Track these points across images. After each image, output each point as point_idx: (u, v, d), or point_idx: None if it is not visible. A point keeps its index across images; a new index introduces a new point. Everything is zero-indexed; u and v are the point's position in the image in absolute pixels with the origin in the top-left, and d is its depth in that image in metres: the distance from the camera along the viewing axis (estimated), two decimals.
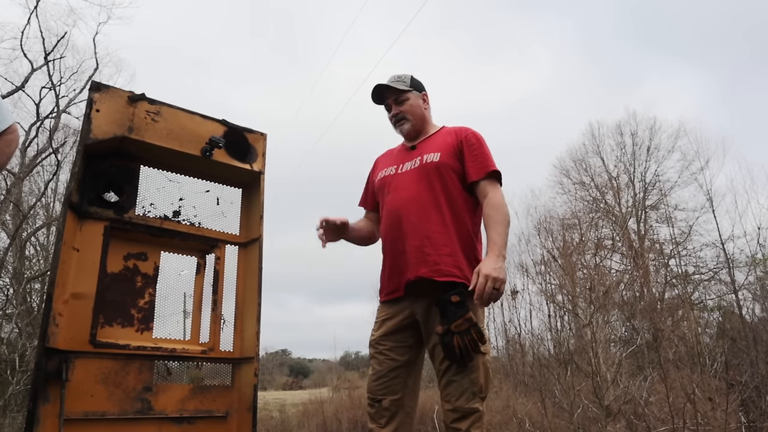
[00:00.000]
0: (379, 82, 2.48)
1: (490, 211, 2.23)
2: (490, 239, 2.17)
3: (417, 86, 2.52)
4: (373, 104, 2.55)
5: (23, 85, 12.19)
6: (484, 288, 2.03)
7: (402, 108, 2.48)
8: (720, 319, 9.09)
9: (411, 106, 2.49)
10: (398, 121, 2.50)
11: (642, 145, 18.36)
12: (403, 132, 2.52)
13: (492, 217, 2.21)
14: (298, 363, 46.59)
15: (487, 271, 2.04)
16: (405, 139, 2.57)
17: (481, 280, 2.03)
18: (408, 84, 2.49)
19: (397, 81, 2.48)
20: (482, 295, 2.03)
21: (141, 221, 2.44)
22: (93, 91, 2.32)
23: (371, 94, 2.52)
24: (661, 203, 17.65)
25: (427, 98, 2.56)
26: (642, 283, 12.21)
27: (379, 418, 2.26)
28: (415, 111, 2.50)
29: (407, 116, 2.48)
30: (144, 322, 2.41)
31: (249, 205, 2.76)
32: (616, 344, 8.99)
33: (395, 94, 2.48)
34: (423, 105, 2.53)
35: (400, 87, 2.47)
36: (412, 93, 2.50)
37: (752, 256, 7.86)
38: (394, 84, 2.47)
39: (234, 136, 2.65)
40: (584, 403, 5.74)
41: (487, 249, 2.16)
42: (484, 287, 2.03)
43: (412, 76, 2.52)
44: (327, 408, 9.38)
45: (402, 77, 2.50)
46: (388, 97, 2.51)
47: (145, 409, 2.28)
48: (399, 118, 2.49)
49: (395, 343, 2.30)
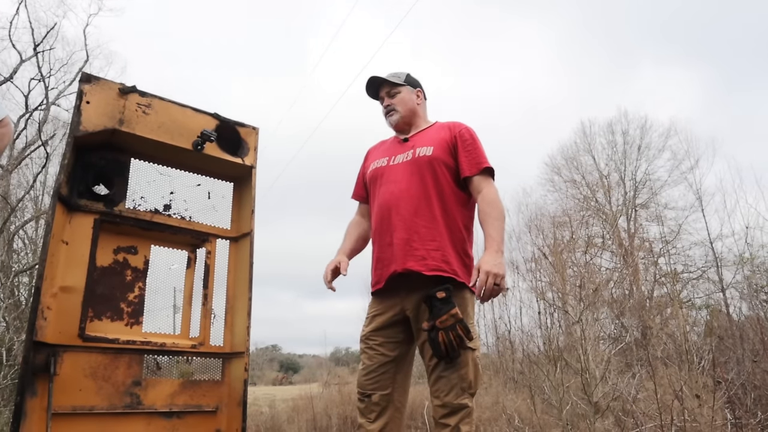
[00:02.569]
0: (373, 75, 2.51)
1: (486, 207, 2.24)
2: (488, 235, 2.18)
3: (411, 82, 2.56)
4: (366, 102, 2.59)
5: (11, 76, 12.05)
6: (485, 284, 2.03)
7: (393, 100, 2.52)
8: (708, 318, 9.18)
9: (402, 99, 2.52)
10: (388, 113, 2.54)
11: (633, 143, 18.51)
12: (392, 123, 2.55)
13: (488, 213, 2.22)
14: (288, 359, 46.54)
15: (488, 268, 2.04)
16: (394, 130, 2.59)
17: (482, 277, 2.04)
18: (402, 79, 2.53)
19: (391, 76, 2.54)
20: (483, 291, 2.04)
21: (131, 214, 2.43)
22: (83, 83, 2.30)
23: (366, 86, 2.56)
24: (651, 202, 17.79)
25: (421, 94, 2.60)
26: (631, 281, 12.32)
27: (368, 413, 2.26)
28: (406, 104, 2.53)
29: (397, 108, 2.52)
30: (134, 316, 2.40)
31: (240, 200, 2.75)
32: (605, 341, 9.05)
33: (388, 87, 2.53)
34: (416, 100, 2.56)
35: (393, 80, 2.51)
36: (405, 87, 2.54)
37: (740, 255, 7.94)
38: (388, 78, 2.52)
39: (226, 130, 2.64)
40: (573, 400, 5.78)
41: (485, 245, 2.16)
42: (485, 283, 2.03)
43: (408, 73, 2.57)
44: (317, 404, 9.38)
45: (398, 73, 2.56)
46: (381, 90, 2.55)
47: (135, 404, 2.27)
48: (389, 110, 2.53)
49: (385, 338, 2.30)
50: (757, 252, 7.69)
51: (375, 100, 2.61)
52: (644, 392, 5.53)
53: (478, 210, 2.29)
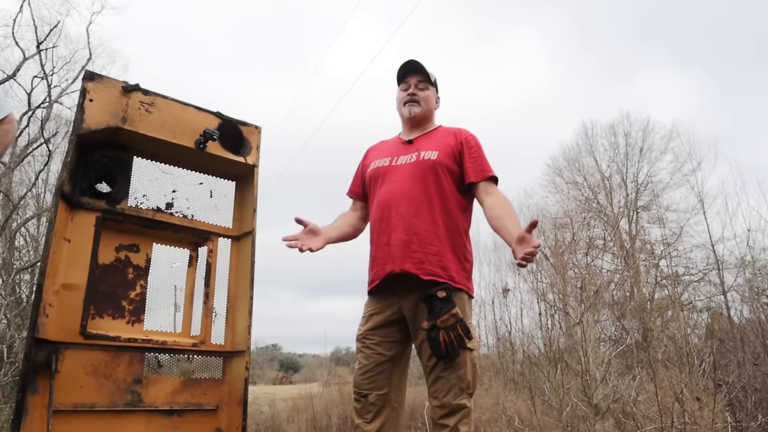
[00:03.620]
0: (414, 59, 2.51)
1: (498, 211, 2.20)
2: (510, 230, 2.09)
3: (437, 86, 2.61)
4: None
5: (15, 74, 12.06)
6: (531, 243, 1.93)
7: (420, 93, 2.52)
8: (709, 320, 9.17)
9: (427, 97, 2.53)
10: (412, 102, 2.51)
11: (635, 145, 18.49)
12: (410, 113, 2.51)
13: (504, 208, 2.20)
14: (289, 358, 46.53)
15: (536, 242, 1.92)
16: (406, 122, 2.58)
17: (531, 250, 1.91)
18: (434, 80, 2.57)
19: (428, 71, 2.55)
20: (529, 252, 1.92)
21: (133, 212, 2.43)
22: (86, 81, 2.30)
23: (402, 65, 2.53)
24: (653, 204, 17.78)
25: (439, 101, 2.63)
26: (632, 283, 12.30)
27: (365, 413, 2.25)
28: (429, 103, 2.54)
29: (421, 102, 2.51)
30: (135, 314, 2.40)
31: (242, 198, 2.75)
32: (605, 343, 9.05)
33: (423, 77, 2.53)
34: (435, 104, 2.59)
35: (430, 76, 2.53)
36: (433, 88, 2.57)
37: (741, 258, 7.93)
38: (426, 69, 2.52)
39: (228, 129, 2.64)
40: (573, 402, 5.77)
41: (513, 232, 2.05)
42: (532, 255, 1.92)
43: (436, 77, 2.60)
44: (317, 403, 9.38)
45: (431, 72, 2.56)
46: (413, 76, 2.53)
47: (135, 402, 2.28)
48: (414, 100, 2.50)
49: (382, 337, 2.29)
50: (759, 255, 7.68)
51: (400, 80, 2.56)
52: (645, 394, 5.53)
53: (490, 213, 2.23)
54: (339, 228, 2.51)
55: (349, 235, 2.56)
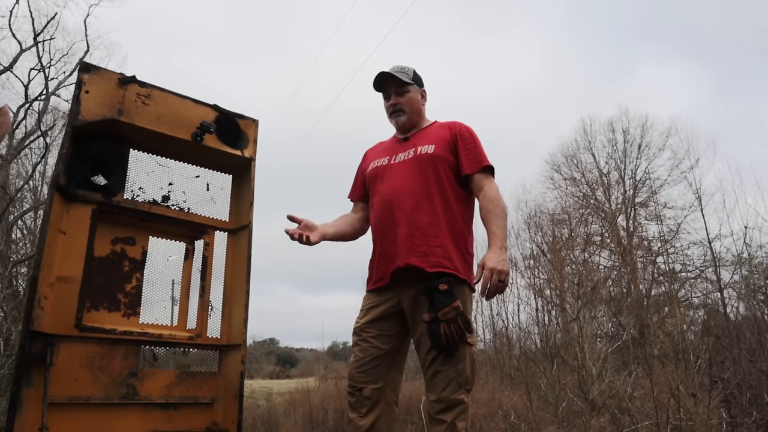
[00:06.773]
0: (383, 70, 2.46)
1: (487, 205, 2.24)
2: (491, 232, 2.18)
3: (418, 81, 2.53)
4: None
5: (11, 65, 12.03)
6: (489, 281, 2.04)
7: (401, 99, 2.48)
8: (705, 317, 9.19)
9: (410, 99, 2.49)
10: (395, 112, 2.49)
11: (633, 142, 18.46)
12: (398, 123, 2.52)
13: (490, 210, 2.22)
14: (286, 352, 46.59)
15: (492, 264, 2.06)
16: (398, 131, 2.57)
17: (486, 274, 2.05)
18: (410, 77, 2.49)
19: (400, 72, 2.48)
20: (488, 288, 2.05)
21: (129, 205, 2.42)
22: (83, 72, 2.28)
23: (374, 80, 2.50)
24: (651, 201, 17.78)
25: (425, 94, 2.58)
26: (629, 280, 12.33)
27: (359, 407, 2.24)
28: (413, 105, 2.50)
29: (405, 108, 2.48)
30: (131, 306, 2.39)
31: (239, 192, 2.74)
32: (602, 339, 9.08)
33: (397, 85, 2.47)
34: (421, 100, 2.54)
35: (404, 78, 2.46)
36: (413, 86, 2.50)
37: (738, 255, 7.94)
38: (398, 74, 2.46)
39: (225, 122, 2.62)
40: (569, 397, 5.79)
41: (489, 242, 2.17)
42: (490, 280, 2.04)
43: (414, 70, 2.53)
44: (314, 397, 9.39)
45: (405, 69, 2.50)
46: (389, 86, 2.49)
47: (131, 395, 2.27)
48: (397, 109, 2.48)
49: (380, 331, 2.29)
50: (756, 252, 7.68)
51: (379, 92, 2.54)
52: (640, 390, 5.55)
53: (480, 207, 2.28)
54: (337, 226, 2.51)
55: (347, 234, 2.55)
